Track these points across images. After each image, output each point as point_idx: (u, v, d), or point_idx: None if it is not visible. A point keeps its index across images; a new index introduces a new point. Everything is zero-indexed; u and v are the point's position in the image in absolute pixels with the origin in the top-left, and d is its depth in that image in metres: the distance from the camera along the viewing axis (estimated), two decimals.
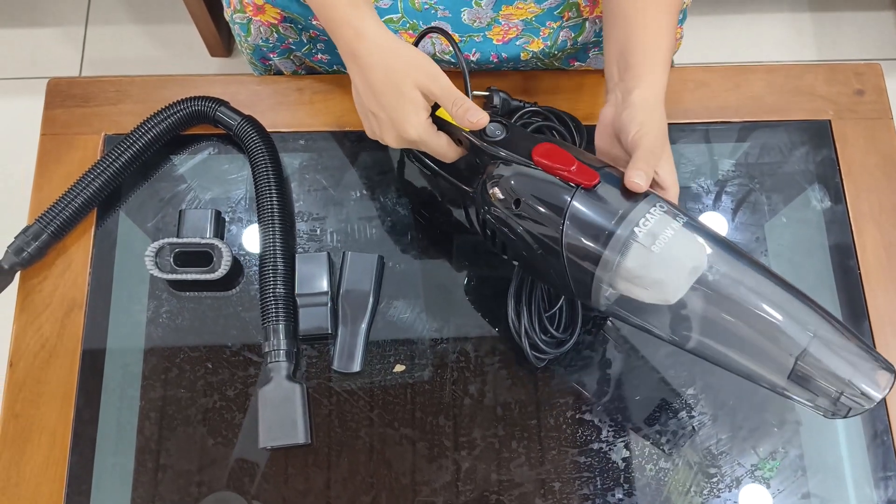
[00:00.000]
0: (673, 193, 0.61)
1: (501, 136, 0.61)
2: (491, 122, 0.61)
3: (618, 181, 0.57)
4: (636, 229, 0.54)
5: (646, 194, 0.56)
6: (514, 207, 0.59)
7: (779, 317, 0.53)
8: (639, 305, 0.56)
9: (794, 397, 0.54)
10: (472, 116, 0.60)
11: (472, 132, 0.62)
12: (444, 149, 0.64)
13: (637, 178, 0.55)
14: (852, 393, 0.52)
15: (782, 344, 0.53)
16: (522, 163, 0.59)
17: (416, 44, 0.71)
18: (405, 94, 0.61)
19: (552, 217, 0.56)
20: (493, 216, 0.61)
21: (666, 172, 0.60)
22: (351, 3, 0.63)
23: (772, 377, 0.54)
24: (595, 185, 0.56)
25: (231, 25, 0.83)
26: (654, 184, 0.59)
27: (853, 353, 0.53)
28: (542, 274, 0.62)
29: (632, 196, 0.56)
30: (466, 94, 0.67)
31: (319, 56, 0.83)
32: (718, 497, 0.66)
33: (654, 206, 0.55)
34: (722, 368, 0.57)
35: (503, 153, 0.60)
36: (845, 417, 0.53)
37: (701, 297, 0.54)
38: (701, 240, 0.55)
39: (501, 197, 0.60)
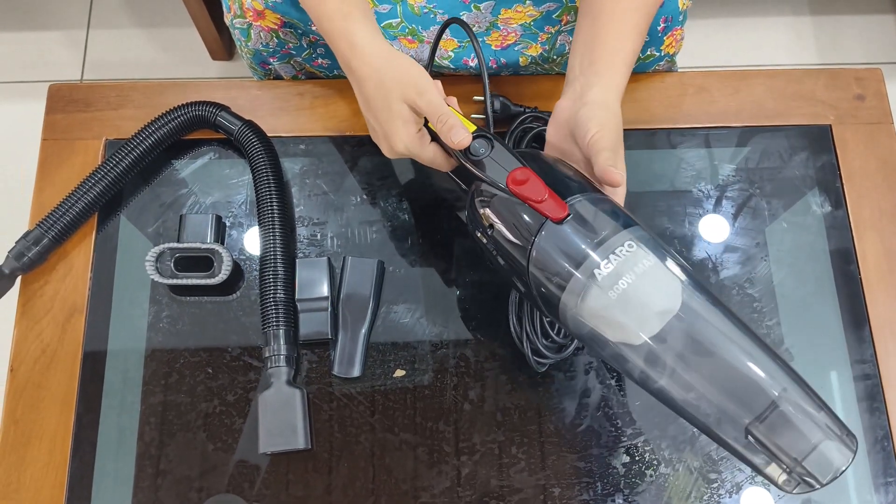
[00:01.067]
0: (620, 193, 0.60)
1: (485, 155, 0.60)
2: (479, 137, 0.60)
3: (592, 211, 0.54)
4: (597, 272, 0.51)
5: (617, 230, 0.53)
6: (488, 230, 0.59)
7: (745, 371, 0.50)
8: (605, 342, 0.53)
9: (747, 459, 0.50)
10: (455, 136, 0.59)
11: None
12: (433, 161, 0.64)
13: (614, 173, 0.55)
14: (808, 465, 0.48)
15: (745, 399, 0.50)
16: (497, 187, 0.58)
17: (437, 37, 0.70)
18: (393, 109, 0.61)
19: (520, 247, 0.56)
20: (475, 232, 0.61)
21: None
22: (344, 16, 0.63)
23: (729, 434, 0.50)
24: (564, 219, 0.54)
25: (231, 30, 0.83)
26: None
27: (817, 421, 0.49)
28: (522, 293, 0.61)
29: (602, 232, 0.53)
30: (484, 91, 0.66)
31: (319, 61, 0.83)
32: (719, 503, 0.66)
33: (624, 243, 0.52)
34: (681, 418, 0.54)
35: (480, 174, 0.59)
36: (792, 491, 0.50)
37: (667, 341, 0.51)
38: (671, 282, 0.52)
39: (479, 217, 0.59)
